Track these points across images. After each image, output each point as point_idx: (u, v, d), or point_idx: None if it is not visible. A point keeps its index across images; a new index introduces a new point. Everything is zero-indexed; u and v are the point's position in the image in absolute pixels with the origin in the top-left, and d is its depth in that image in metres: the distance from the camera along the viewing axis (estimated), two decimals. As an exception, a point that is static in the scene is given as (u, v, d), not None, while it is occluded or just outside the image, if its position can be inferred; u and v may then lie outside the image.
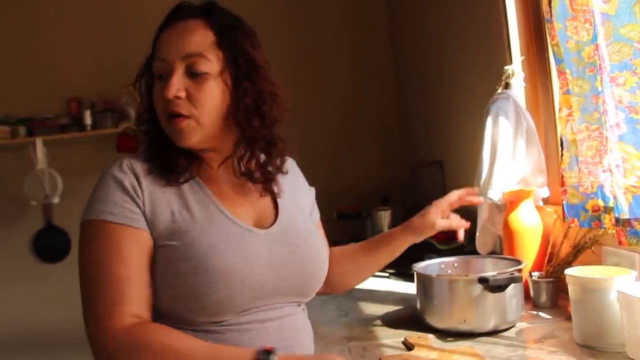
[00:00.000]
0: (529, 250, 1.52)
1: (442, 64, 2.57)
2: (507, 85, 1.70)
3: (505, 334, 1.25)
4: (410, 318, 1.40)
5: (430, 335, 1.26)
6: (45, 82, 3.23)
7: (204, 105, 1.00)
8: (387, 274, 2.03)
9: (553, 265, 1.44)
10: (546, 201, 1.66)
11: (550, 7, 1.35)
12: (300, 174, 1.27)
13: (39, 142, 3.06)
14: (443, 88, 2.58)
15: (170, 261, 0.96)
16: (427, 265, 1.44)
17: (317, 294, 1.20)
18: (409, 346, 1.20)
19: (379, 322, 1.42)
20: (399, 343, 1.23)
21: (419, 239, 1.28)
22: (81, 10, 3.27)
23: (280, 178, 1.13)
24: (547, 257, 1.49)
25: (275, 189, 1.11)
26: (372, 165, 3.30)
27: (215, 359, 0.89)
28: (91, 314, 0.92)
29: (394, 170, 3.26)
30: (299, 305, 1.09)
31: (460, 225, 1.30)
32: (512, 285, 1.25)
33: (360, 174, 3.27)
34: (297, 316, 1.07)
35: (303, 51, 3.34)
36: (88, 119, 3.17)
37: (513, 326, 1.29)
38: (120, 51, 3.26)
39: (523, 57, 1.72)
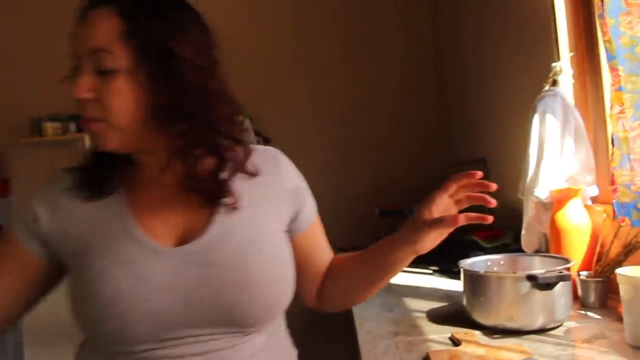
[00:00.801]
0: (576, 249, 1.50)
1: (485, 60, 2.54)
2: (554, 83, 1.68)
3: (553, 332, 1.24)
4: (455, 314, 1.40)
5: (477, 332, 1.26)
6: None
7: (113, 107, 0.86)
8: (430, 271, 2.03)
9: (602, 265, 1.42)
10: (594, 200, 1.63)
11: (602, 2, 1.33)
12: (287, 170, 1.06)
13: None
14: (486, 84, 2.56)
15: (71, 286, 0.92)
16: (474, 263, 1.44)
17: (311, 306, 1.15)
18: (455, 342, 1.20)
19: (424, 317, 1.42)
20: (445, 339, 1.24)
21: (418, 246, 1.01)
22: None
23: (243, 182, 0.96)
24: (595, 257, 1.47)
25: (231, 200, 0.93)
26: (415, 163, 3.30)
27: None
28: None
29: (436, 167, 3.25)
30: (246, 334, 0.92)
31: (451, 218, 0.97)
32: (561, 283, 1.23)
33: (403, 172, 3.28)
34: (240, 347, 0.91)
35: (349, 51, 3.36)
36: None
37: (561, 325, 1.28)
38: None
39: (572, 54, 1.69)
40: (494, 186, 1.01)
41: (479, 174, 1.01)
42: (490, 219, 1.00)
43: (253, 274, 0.90)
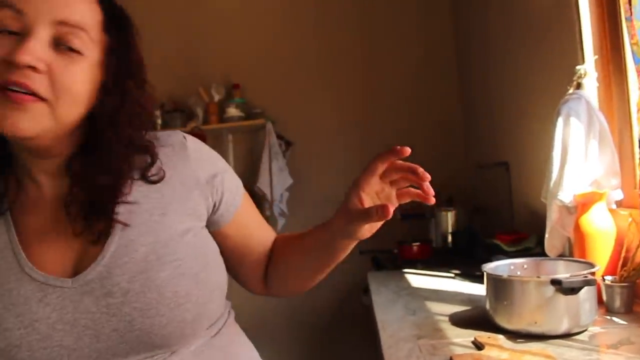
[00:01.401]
0: (601, 253, 1.49)
1: (508, 63, 2.53)
2: (578, 86, 1.67)
3: (577, 337, 1.23)
4: (478, 318, 1.39)
5: (500, 336, 1.25)
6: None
7: (67, 90, 0.74)
8: (452, 275, 2.03)
9: (628, 270, 1.41)
10: (619, 204, 1.62)
11: (630, 4, 1.32)
12: (197, 159, 0.91)
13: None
14: (509, 87, 2.55)
15: None
16: (497, 266, 1.44)
17: (258, 293, 1.06)
18: (479, 346, 1.20)
19: (447, 321, 1.42)
20: (468, 342, 1.24)
21: (355, 236, 0.90)
22: (151, 13, 3.40)
23: (141, 187, 0.85)
24: (621, 262, 1.45)
25: (123, 217, 0.82)
26: (436, 166, 3.26)
27: None
28: None
29: (458, 170, 3.24)
30: (172, 352, 0.83)
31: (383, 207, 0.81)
32: (585, 288, 1.23)
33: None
34: None
35: (370, 54, 3.38)
36: (158, 119, 3.30)
37: (585, 330, 1.27)
38: (189, 52, 3.39)
39: (596, 57, 1.68)
40: (420, 170, 0.86)
41: (406, 150, 0.83)
42: (431, 198, 0.87)
43: (163, 292, 0.79)
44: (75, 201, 0.80)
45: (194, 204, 0.88)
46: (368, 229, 0.88)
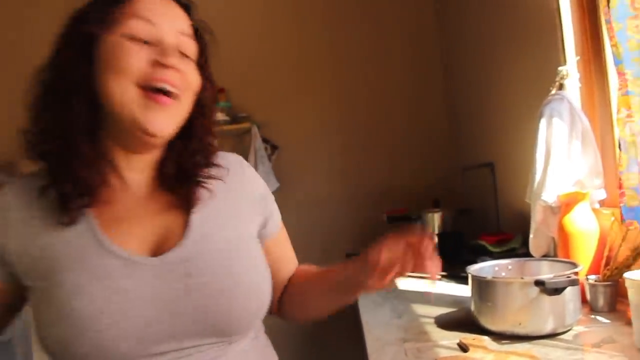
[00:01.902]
0: (584, 253, 1.50)
1: (492, 65, 2.55)
2: (561, 87, 1.68)
3: (562, 337, 1.24)
4: (464, 320, 1.40)
5: (486, 338, 1.25)
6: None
7: (191, 88, 0.89)
8: (438, 276, 2.03)
9: (611, 269, 1.41)
10: (602, 203, 1.63)
11: (608, 7, 1.33)
12: (253, 177, 1.05)
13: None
14: (493, 89, 2.56)
15: (36, 307, 0.84)
16: (481, 268, 1.44)
17: (273, 314, 1.10)
18: (464, 348, 1.20)
19: (432, 323, 1.42)
20: (454, 344, 1.24)
21: (358, 283, 0.94)
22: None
23: (213, 184, 0.96)
24: (604, 261, 1.46)
25: (208, 194, 0.94)
26: (422, 167, 3.30)
27: None
28: None
29: (444, 172, 3.26)
30: (231, 343, 0.90)
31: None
32: (569, 288, 1.23)
33: (410, 177, 3.28)
34: (225, 357, 0.89)
35: (355, 57, 3.38)
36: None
37: (570, 330, 1.27)
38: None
39: (578, 58, 1.69)
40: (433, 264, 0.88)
41: (429, 244, 0.88)
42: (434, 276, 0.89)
43: (238, 281, 0.88)
44: (168, 173, 0.93)
45: (251, 213, 1.00)
46: (372, 285, 0.91)
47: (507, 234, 2.24)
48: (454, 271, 1.93)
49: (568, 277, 1.23)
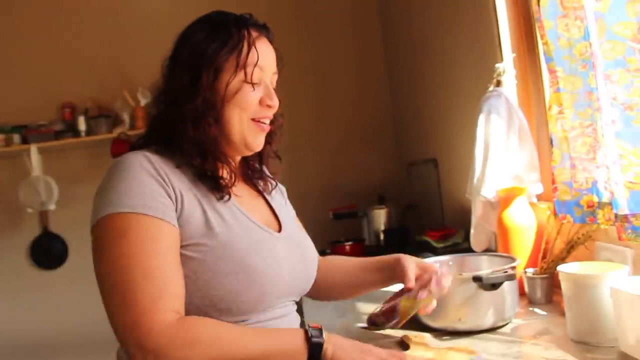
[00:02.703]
0: (523, 247, 1.53)
1: (434, 63, 2.58)
2: (498, 83, 1.71)
3: (501, 330, 1.26)
4: (406, 318, 1.40)
5: (427, 334, 1.26)
6: (38, 89, 3.23)
7: (275, 113, 1.12)
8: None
9: (547, 262, 1.45)
10: (540, 197, 1.67)
11: (539, 6, 1.35)
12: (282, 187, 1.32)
13: (33, 149, 3.06)
14: (436, 86, 2.60)
15: (208, 261, 0.96)
16: (423, 264, 1.44)
17: (309, 296, 1.30)
18: (405, 346, 1.20)
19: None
20: (395, 343, 1.24)
21: (381, 280, 1.28)
22: (74, 16, 3.27)
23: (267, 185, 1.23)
24: (541, 254, 1.50)
25: (270, 186, 1.22)
26: (367, 165, 3.31)
27: (269, 340, 0.93)
28: (132, 310, 0.86)
29: (389, 168, 3.28)
30: (294, 303, 1.16)
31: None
32: (507, 282, 1.25)
33: (356, 174, 3.28)
34: (295, 312, 1.15)
35: (299, 55, 3.35)
36: (82, 125, 3.16)
37: (509, 323, 1.30)
38: (113, 56, 3.27)
39: (514, 55, 1.73)
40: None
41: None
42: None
43: (314, 254, 1.21)
44: (255, 169, 1.21)
45: (280, 199, 1.26)
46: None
47: (450, 229, 2.28)
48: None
49: (505, 272, 1.25)
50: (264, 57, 1.06)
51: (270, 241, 1.06)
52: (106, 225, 0.92)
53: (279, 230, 1.13)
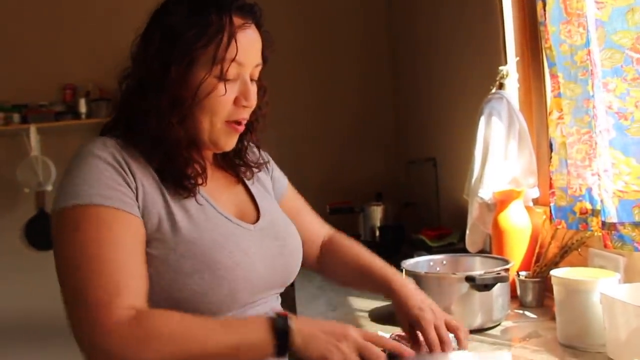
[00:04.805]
0: (517, 249, 1.54)
1: (438, 62, 2.58)
2: (501, 86, 1.71)
3: (490, 332, 1.27)
4: (397, 314, 1.41)
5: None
6: (40, 69, 3.22)
7: (252, 109, 1.02)
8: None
9: (540, 266, 1.46)
10: (536, 202, 1.68)
11: (544, 10, 1.36)
12: (270, 163, 1.26)
13: (33, 129, 3.05)
14: (438, 86, 2.60)
15: (170, 259, 0.89)
16: (417, 262, 1.46)
17: (307, 267, 1.24)
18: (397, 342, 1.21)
19: (367, 317, 1.43)
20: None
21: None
22: (79, -2, 3.26)
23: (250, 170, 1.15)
24: (534, 257, 1.51)
25: (249, 174, 1.12)
26: (366, 161, 3.31)
27: (232, 333, 0.84)
28: (83, 307, 0.81)
29: (387, 166, 3.28)
30: (278, 295, 1.10)
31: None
32: (499, 284, 1.26)
33: (354, 170, 3.28)
34: (278, 306, 1.08)
35: (304, 51, 3.35)
36: (83, 107, 3.16)
37: (499, 324, 1.31)
38: (116, 39, 3.25)
39: (518, 59, 1.73)
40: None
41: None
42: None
43: (298, 241, 1.10)
44: (229, 159, 1.10)
45: (267, 181, 1.19)
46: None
47: (446, 228, 2.29)
48: (391, 264, 1.95)
49: (497, 274, 1.26)
50: (244, 50, 0.95)
51: (241, 235, 0.98)
52: (61, 218, 0.87)
53: (257, 219, 1.05)
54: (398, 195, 2.96)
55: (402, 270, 1.40)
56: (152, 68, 0.94)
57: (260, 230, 1.03)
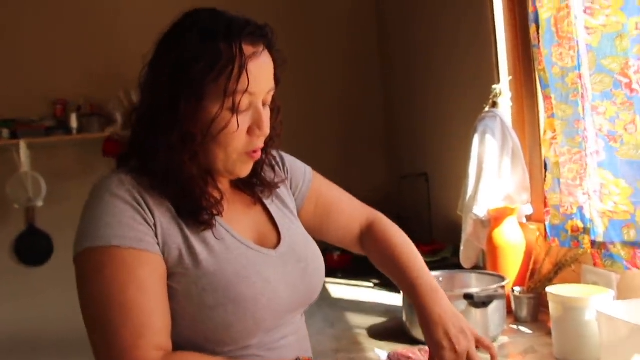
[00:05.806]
0: (511, 265, 1.57)
1: (430, 79, 2.61)
2: (494, 104, 1.75)
3: (488, 348, 1.28)
4: (396, 330, 1.43)
5: (416, 349, 1.28)
6: (30, 84, 3.20)
7: (267, 135, 0.98)
8: (371, 284, 2.06)
9: (535, 282, 1.48)
10: (529, 218, 1.70)
11: (538, 33, 1.39)
12: (288, 167, 1.20)
13: (23, 144, 3.03)
14: (430, 102, 2.63)
15: (192, 293, 0.89)
16: (413, 279, 1.47)
17: (354, 252, 1.26)
18: (395, 360, 1.22)
19: (365, 334, 1.44)
20: (386, 356, 1.26)
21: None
22: (70, 13, 3.26)
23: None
24: (529, 273, 1.53)
25: (267, 193, 1.08)
26: (358, 175, 3.33)
27: None
28: (108, 351, 0.82)
29: (380, 180, 3.30)
30: (302, 314, 1.09)
31: None
32: (496, 301, 1.28)
33: (346, 184, 3.28)
34: (303, 324, 1.08)
35: (292, 63, 3.37)
36: (74, 122, 3.14)
37: (494, 341, 1.32)
38: (107, 55, 3.26)
39: (510, 77, 1.77)
40: None
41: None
42: None
43: (319, 259, 1.08)
44: (246, 180, 1.04)
45: (286, 196, 1.13)
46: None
47: (439, 243, 2.31)
48: (387, 279, 1.96)
49: (495, 291, 1.28)
50: (256, 80, 0.91)
51: (263, 263, 0.96)
52: (83, 260, 0.87)
53: (278, 242, 1.02)
54: (390, 210, 2.97)
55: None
56: (161, 102, 0.90)
57: (282, 255, 1.00)
